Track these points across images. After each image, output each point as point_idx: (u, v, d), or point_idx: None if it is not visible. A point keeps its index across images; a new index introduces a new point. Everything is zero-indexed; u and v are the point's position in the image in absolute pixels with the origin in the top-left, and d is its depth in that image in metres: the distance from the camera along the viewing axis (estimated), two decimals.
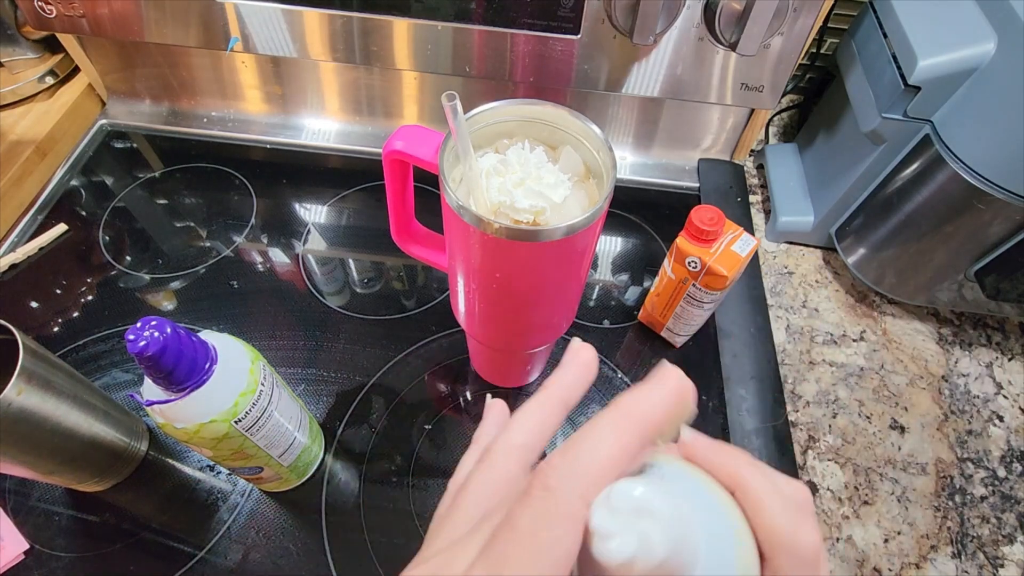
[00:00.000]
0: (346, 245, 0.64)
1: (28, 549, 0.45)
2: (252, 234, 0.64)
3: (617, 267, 0.64)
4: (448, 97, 0.29)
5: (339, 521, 0.47)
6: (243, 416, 0.36)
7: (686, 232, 0.48)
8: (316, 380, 0.54)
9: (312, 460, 0.48)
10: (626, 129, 0.72)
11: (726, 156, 0.73)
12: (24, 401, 0.37)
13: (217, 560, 0.45)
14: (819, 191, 0.66)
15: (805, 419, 0.56)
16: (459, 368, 0.55)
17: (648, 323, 0.58)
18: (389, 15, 0.59)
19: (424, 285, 0.62)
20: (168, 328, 0.31)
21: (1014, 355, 0.61)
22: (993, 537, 0.51)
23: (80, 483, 0.45)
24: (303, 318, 0.58)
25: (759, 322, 0.59)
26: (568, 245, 0.32)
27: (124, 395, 0.52)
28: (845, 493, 0.52)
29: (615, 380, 0.55)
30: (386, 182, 0.40)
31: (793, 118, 0.80)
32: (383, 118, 0.74)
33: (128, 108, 0.75)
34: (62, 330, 0.56)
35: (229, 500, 0.47)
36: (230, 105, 0.75)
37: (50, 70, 0.71)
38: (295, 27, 0.61)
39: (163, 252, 0.63)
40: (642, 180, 0.72)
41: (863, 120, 0.55)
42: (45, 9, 0.62)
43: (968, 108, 0.48)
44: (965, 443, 0.55)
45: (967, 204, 0.50)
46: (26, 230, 0.63)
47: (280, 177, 0.70)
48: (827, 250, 0.68)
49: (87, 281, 0.60)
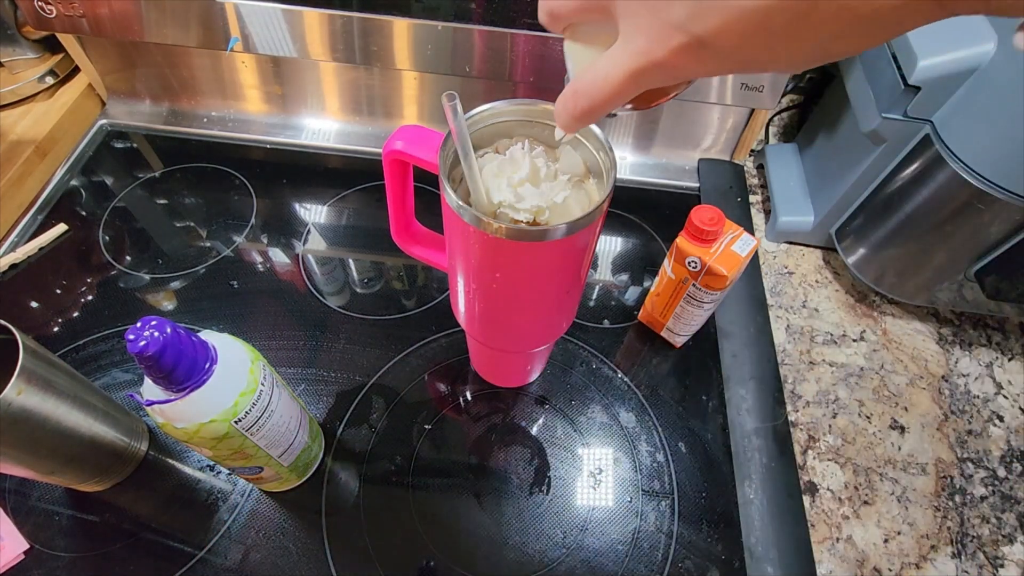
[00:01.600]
0: (346, 245, 0.64)
1: (28, 549, 0.45)
2: (252, 234, 0.64)
3: (617, 267, 0.64)
4: (448, 97, 0.29)
5: (339, 521, 0.47)
6: (243, 416, 0.36)
7: (686, 232, 0.48)
8: (316, 380, 0.54)
9: (312, 460, 0.48)
10: (626, 129, 0.72)
11: (726, 156, 0.73)
12: (24, 401, 0.37)
13: (217, 560, 0.45)
14: (819, 191, 0.66)
15: (805, 419, 0.56)
16: (459, 368, 0.55)
17: (648, 323, 0.58)
18: (389, 15, 0.59)
19: (424, 285, 0.62)
20: (168, 328, 0.31)
21: (1014, 355, 0.61)
22: (993, 537, 0.51)
23: (80, 483, 0.45)
24: (303, 318, 0.58)
25: (759, 322, 0.59)
26: (568, 245, 0.32)
27: (124, 395, 0.52)
28: (845, 493, 0.52)
29: (615, 380, 0.55)
30: (386, 182, 0.40)
31: (793, 118, 0.80)
32: (383, 118, 0.74)
33: (128, 108, 0.75)
34: (62, 330, 0.56)
35: (229, 500, 0.47)
36: (230, 105, 0.75)
37: (50, 70, 0.71)
38: (295, 27, 0.61)
39: (163, 252, 0.63)
40: (642, 180, 0.72)
41: (863, 120, 0.55)
42: (45, 9, 0.62)
43: (968, 108, 0.48)
44: (965, 443, 0.55)
45: (967, 204, 0.50)
46: (26, 230, 0.63)
47: (280, 177, 0.70)
48: (827, 250, 0.68)
49: (87, 281, 0.60)
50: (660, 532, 0.47)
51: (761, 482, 0.50)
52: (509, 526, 0.47)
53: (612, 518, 0.48)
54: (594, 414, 0.53)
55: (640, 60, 0.20)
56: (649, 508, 0.48)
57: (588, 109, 0.23)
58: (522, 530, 0.47)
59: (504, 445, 0.51)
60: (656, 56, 0.20)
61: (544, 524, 0.47)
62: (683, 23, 0.19)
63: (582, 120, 0.24)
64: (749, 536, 0.47)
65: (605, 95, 0.22)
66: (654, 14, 0.19)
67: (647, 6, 0.19)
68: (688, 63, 0.20)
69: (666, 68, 0.20)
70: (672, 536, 0.47)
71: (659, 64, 0.20)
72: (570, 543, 0.47)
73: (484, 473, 0.49)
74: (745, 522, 0.48)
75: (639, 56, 0.20)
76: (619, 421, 0.53)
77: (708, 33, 0.18)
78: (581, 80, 0.23)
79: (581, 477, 0.50)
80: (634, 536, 0.47)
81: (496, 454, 0.51)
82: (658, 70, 0.20)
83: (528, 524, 0.47)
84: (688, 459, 0.51)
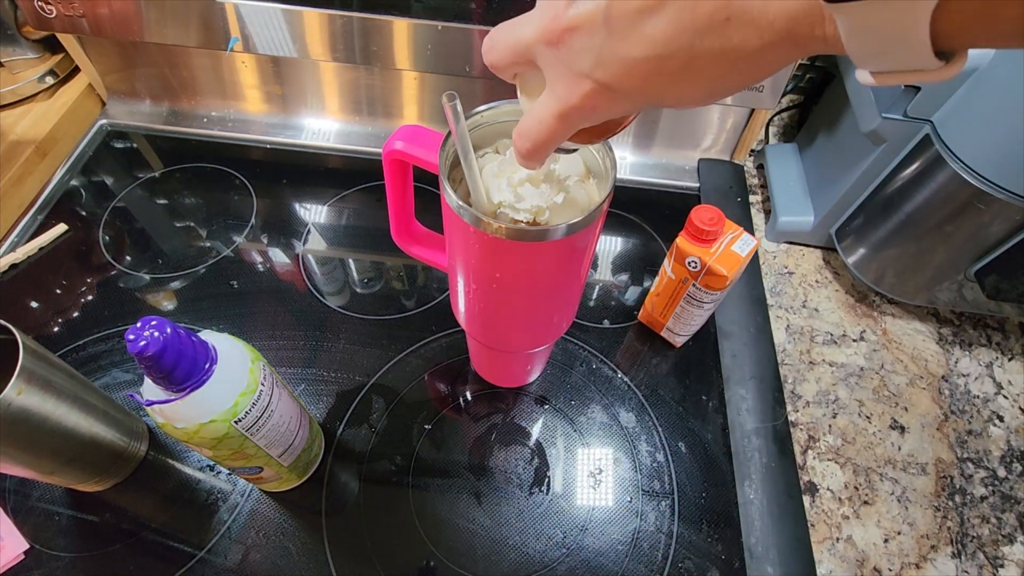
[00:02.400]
0: (346, 245, 0.64)
1: (28, 549, 0.45)
2: (252, 234, 0.64)
3: (617, 267, 0.64)
4: (448, 97, 0.29)
5: (339, 521, 0.47)
6: (243, 416, 0.36)
7: (686, 232, 0.48)
8: (316, 380, 0.54)
9: (312, 460, 0.48)
10: (626, 130, 0.72)
11: (726, 156, 0.73)
12: (24, 401, 0.37)
13: (217, 560, 0.45)
14: (819, 191, 0.66)
15: (805, 419, 0.56)
16: (459, 368, 0.55)
17: (648, 323, 0.58)
18: (389, 15, 0.59)
19: (424, 285, 0.62)
20: (168, 328, 0.31)
21: (1014, 355, 0.61)
22: (993, 537, 0.51)
23: (80, 483, 0.45)
24: (303, 318, 0.58)
25: (759, 322, 0.59)
26: (568, 245, 0.32)
27: (124, 395, 0.52)
28: (845, 493, 0.52)
29: (615, 380, 0.55)
30: (386, 182, 0.40)
31: (793, 118, 0.80)
32: (383, 118, 0.74)
33: (128, 108, 0.75)
34: (62, 330, 0.56)
35: (229, 500, 0.47)
36: (230, 105, 0.75)
37: (50, 70, 0.71)
38: (295, 27, 0.61)
39: (163, 252, 0.63)
40: (642, 180, 0.72)
41: (863, 120, 0.55)
42: (45, 9, 0.62)
43: (968, 108, 0.48)
44: (965, 443, 0.55)
45: (967, 204, 0.50)
46: (26, 230, 0.63)
47: (280, 177, 0.70)
48: (827, 250, 0.68)
49: (87, 281, 0.60)
50: (660, 532, 0.47)
51: (761, 482, 0.50)
52: (509, 526, 0.47)
53: (612, 518, 0.48)
54: (594, 414, 0.53)
55: (561, 105, 0.23)
56: (649, 508, 0.48)
57: (531, 149, 0.26)
58: (522, 530, 0.47)
59: (504, 445, 0.51)
60: (573, 101, 0.23)
61: (544, 524, 0.47)
62: (590, 72, 0.22)
63: (530, 158, 0.27)
64: (749, 536, 0.47)
65: (542, 136, 0.25)
66: (567, 66, 0.22)
67: (560, 59, 0.22)
68: (602, 104, 0.23)
69: (585, 110, 0.23)
70: (672, 536, 0.47)
71: (578, 108, 0.23)
72: (570, 543, 0.47)
73: (484, 473, 0.49)
74: (745, 522, 0.48)
75: (560, 102, 0.23)
76: (619, 421, 0.53)
77: (611, 80, 0.21)
78: (522, 123, 0.26)
79: (581, 477, 0.50)
80: (634, 536, 0.47)
81: (496, 454, 0.51)
82: (578, 112, 0.23)
83: (528, 524, 0.47)
84: (688, 459, 0.51)
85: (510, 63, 0.25)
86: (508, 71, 0.26)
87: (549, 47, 0.23)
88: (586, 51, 0.21)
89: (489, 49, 0.26)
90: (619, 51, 0.20)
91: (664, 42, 0.19)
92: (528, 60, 0.24)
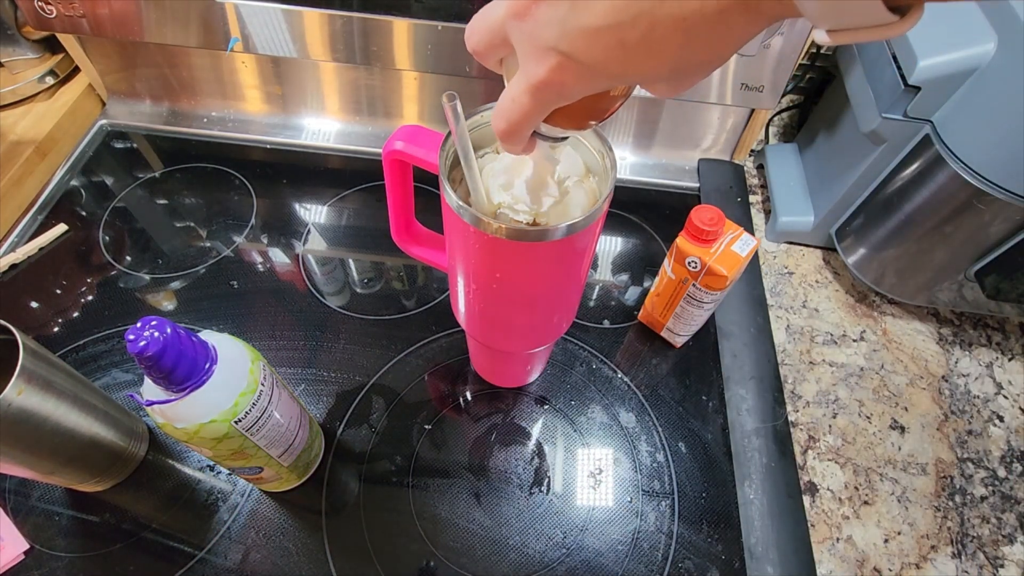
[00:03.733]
0: (346, 245, 0.64)
1: (28, 549, 0.45)
2: (252, 234, 0.64)
3: (617, 267, 0.64)
4: (448, 97, 0.29)
5: (339, 521, 0.47)
6: (243, 416, 0.36)
7: (686, 232, 0.48)
8: (316, 380, 0.54)
9: (312, 460, 0.48)
10: (626, 129, 0.72)
11: (726, 156, 0.73)
12: (24, 401, 0.37)
13: (217, 560, 0.45)
14: (819, 191, 0.66)
15: (805, 419, 0.56)
16: (459, 368, 0.55)
17: (648, 323, 0.58)
18: (389, 15, 0.59)
19: (424, 285, 0.62)
20: (168, 328, 0.31)
21: (1014, 355, 0.61)
22: (993, 537, 0.51)
23: (80, 483, 0.45)
24: (303, 318, 0.58)
25: (759, 322, 0.59)
26: (568, 245, 0.32)
27: (124, 395, 0.52)
28: (845, 493, 0.52)
29: (615, 380, 0.55)
30: (386, 182, 0.40)
31: (793, 118, 0.80)
32: (383, 118, 0.74)
33: (128, 108, 0.75)
34: (62, 330, 0.56)
35: (229, 500, 0.47)
36: (230, 105, 0.75)
37: (50, 70, 0.71)
38: (295, 27, 0.61)
39: (163, 252, 0.63)
40: (642, 180, 0.72)
41: (863, 120, 0.55)
42: (45, 9, 0.62)
43: (968, 108, 0.48)
44: (965, 443, 0.55)
45: (967, 204, 0.50)
46: (26, 230, 0.63)
47: (280, 177, 0.70)
48: (827, 250, 0.68)
49: (87, 281, 0.60)
50: (660, 532, 0.47)
51: (761, 482, 0.50)
52: (509, 526, 0.47)
53: (612, 518, 0.48)
54: (594, 414, 0.53)
55: (530, 80, 0.23)
56: (649, 508, 0.48)
57: (507, 129, 0.26)
58: (522, 530, 0.47)
59: (504, 445, 0.51)
60: (541, 75, 0.23)
61: (544, 524, 0.47)
62: (556, 43, 0.21)
63: (508, 139, 0.27)
64: (749, 536, 0.47)
65: (515, 114, 0.25)
66: (533, 40, 0.22)
67: (527, 32, 0.22)
68: (570, 79, 0.22)
69: (553, 85, 0.23)
70: (672, 536, 0.47)
71: (547, 83, 0.23)
72: (570, 543, 0.47)
73: (484, 473, 0.49)
74: (745, 522, 0.48)
75: (529, 77, 0.23)
76: (619, 421, 0.53)
77: (575, 51, 0.21)
78: (499, 104, 0.26)
79: (581, 477, 0.50)
80: (634, 536, 0.47)
81: (496, 454, 0.51)
82: (548, 88, 0.23)
83: (528, 524, 0.47)
84: (688, 459, 0.51)
85: (488, 45, 0.25)
86: (490, 56, 0.26)
87: (517, 20, 0.23)
88: (552, 23, 0.21)
89: (469, 35, 0.26)
90: (582, 20, 0.20)
91: (624, 7, 0.19)
92: (504, 40, 0.24)
